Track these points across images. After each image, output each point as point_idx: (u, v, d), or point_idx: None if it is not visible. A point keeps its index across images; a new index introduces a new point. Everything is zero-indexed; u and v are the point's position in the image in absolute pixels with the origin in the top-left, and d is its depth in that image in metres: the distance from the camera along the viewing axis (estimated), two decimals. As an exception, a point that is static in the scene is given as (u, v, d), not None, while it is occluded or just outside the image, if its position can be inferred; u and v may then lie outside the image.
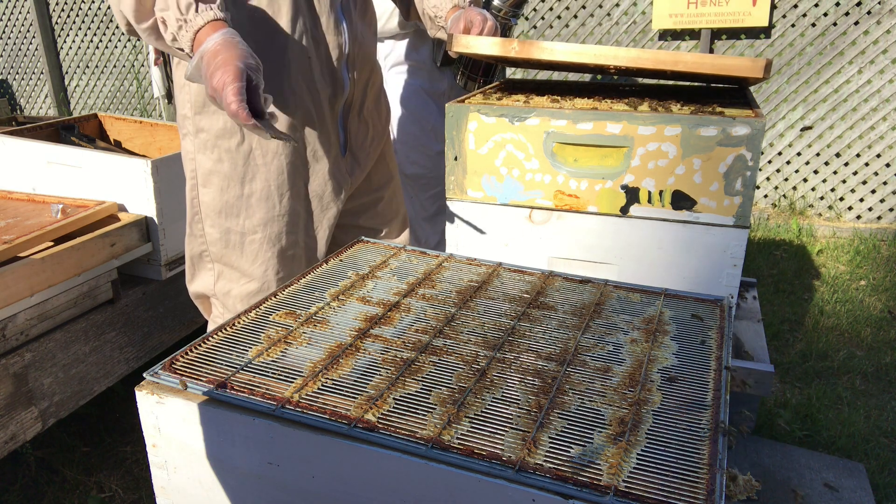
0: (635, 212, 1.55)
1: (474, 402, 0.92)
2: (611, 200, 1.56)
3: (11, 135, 2.31)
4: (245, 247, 1.59)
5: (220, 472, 0.96)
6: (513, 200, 1.65)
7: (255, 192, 1.55)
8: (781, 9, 3.99)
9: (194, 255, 1.65)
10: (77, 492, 2.00)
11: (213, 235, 1.60)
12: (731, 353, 1.09)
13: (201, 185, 1.56)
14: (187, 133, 1.54)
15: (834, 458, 1.80)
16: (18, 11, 6.01)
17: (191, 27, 1.23)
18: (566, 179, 1.58)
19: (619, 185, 1.54)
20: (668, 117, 1.47)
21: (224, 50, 1.20)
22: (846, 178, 4.13)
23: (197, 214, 1.60)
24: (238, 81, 1.17)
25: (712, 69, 1.42)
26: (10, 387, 1.75)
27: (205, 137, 1.51)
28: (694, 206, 1.50)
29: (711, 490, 0.77)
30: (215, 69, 1.19)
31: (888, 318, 3.04)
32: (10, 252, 1.74)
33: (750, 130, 1.42)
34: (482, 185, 1.66)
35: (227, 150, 1.52)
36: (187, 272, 1.70)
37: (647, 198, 1.53)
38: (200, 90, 1.47)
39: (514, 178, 1.62)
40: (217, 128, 1.50)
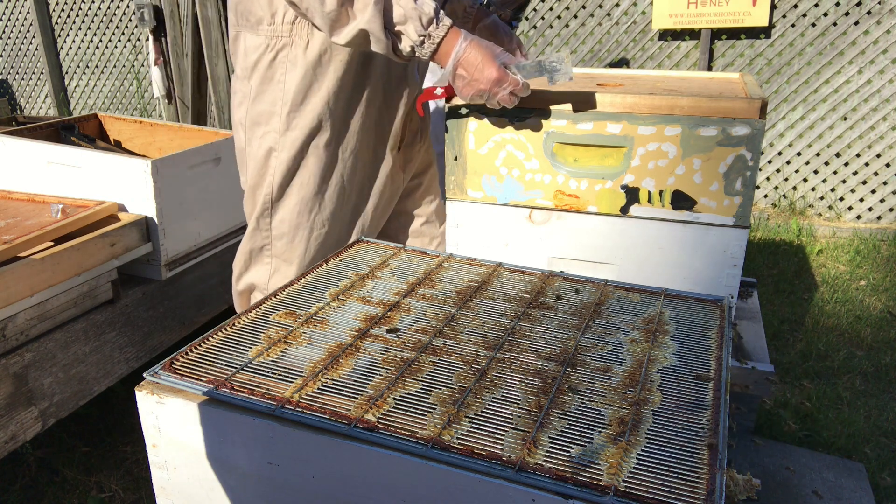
0: (635, 212, 1.55)
1: (474, 402, 0.93)
2: (611, 200, 1.56)
3: (11, 135, 2.31)
4: (311, 242, 1.67)
5: (220, 472, 0.96)
6: (513, 200, 1.64)
7: (331, 188, 1.64)
8: (781, 9, 3.99)
9: (255, 248, 1.71)
10: (77, 492, 2.00)
11: (281, 230, 1.66)
12: (731, 353, 1.09)
13: (280, 181, 1.62)
14: (270, 131, 1.59)
15: (834, 458, 1.80)
16: (18, 11, 6.01)
17: (434, 40, 1.38)
18: (566, 179, 1.58)
19: (619, 185, 1.54)
20: (668, 117, 1.47)
21: (477, 52, 1.39)
22: (846, 178, 4.14)
23: (267, 209, 1.65)
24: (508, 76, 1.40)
25: (708, 112, 1.44)
26: (10, 387, 1.75)
27: (295, 135, 1.58)
28: (694, 206, 1.50)
29: (711, 490, 0.77)
30: (480, 70, 1.39)
31: (888, 318, 3.04)
32: (10, 252, 1.74)
33: (750, 130, 1.42)
34: (482, 185, 1.66)
35: (315, 146, 1.59)
36: (239, 264, 1.75)
37: (647, 198, 1.53)
38: (296, 89, 1.54)
39: (514, 179, 1.62)
40: (311, 126, 1.57)
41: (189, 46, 4.52)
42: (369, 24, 1.35)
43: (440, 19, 1.37)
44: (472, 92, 1.42)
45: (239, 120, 1.65)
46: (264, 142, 1.60)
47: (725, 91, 1.58)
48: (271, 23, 1.52)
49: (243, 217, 2.56)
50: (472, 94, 1.43)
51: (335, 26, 1.38)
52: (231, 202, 2.48)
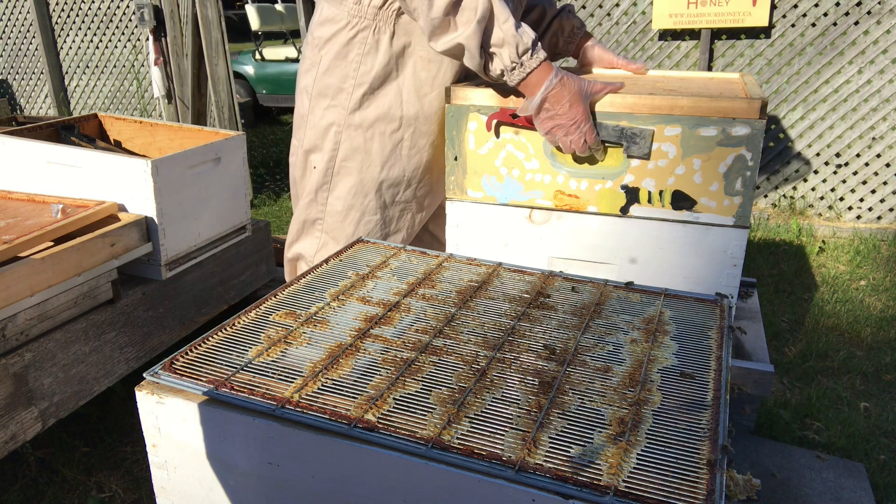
0: (635, 212, 1.55)
1: (474, 402, 0.93)
2: (611, 200, 1.56)
3: (11, 135, 2.31)
4: (360, 226, 1.72)
5: (220, 472, 0.96)
6: (513, 200, 1.64)
7: (390, 177, 1.69)
8: (781, 9, 3.99)
9: (308, 219, 1.77)
10: (77, 492, 2.00)
11: (335, 207, 1.71)
12: (731, 353, 1.09)
13: (342, 158, 1.67)
14: (336, 106, 1.63)
15: (834, 458, 1.80)
16: (18, 11, 6.01)
17: (525, 69, 1.42)
18: (566, 179, 1.58)
19: (619, 186, 1.54)
20: (668, 118, 1.47)
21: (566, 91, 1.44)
22: (846, 178, 4.13)
23: (327, 184, 1.70)
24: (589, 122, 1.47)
25: (708, 112, 1.44)
26: (10, 387, 1.75)
27: (365, 116, 1.63)
28: (694, 206, 1.50)
29: (711, 490, 0.77)
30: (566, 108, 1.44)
31: (888, 317, 3.04)
32: (10, 252, 1.74)
33: (750, 130, 1.42)
34: (482, 186, 1.66)
35: (381, 132, 1.65)
36: (292, 233, 1.81)
37: (647, 198, 1.53)
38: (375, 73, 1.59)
39: (515, 179, 1.62)
40: (381, 112, 1.63)
41: (189, 46, 4.51)
42: (468, 40, 1.39)
43: (536, 51, 1.42)
44: (551, 126, 1.47)
45: (304, 87, 1.69)
46: (327, 114, 1.65)
47: (725, 91, 1.59)
48: (357, 2, 1.56)
49: (243, 217, 2.57)
50: (550, 129, 1.47)
51: (436, 32, 1.42)
52: (231, 202, 2.48)
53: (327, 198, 1.72)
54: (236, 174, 2.48)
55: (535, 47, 1.42)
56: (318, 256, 1.77)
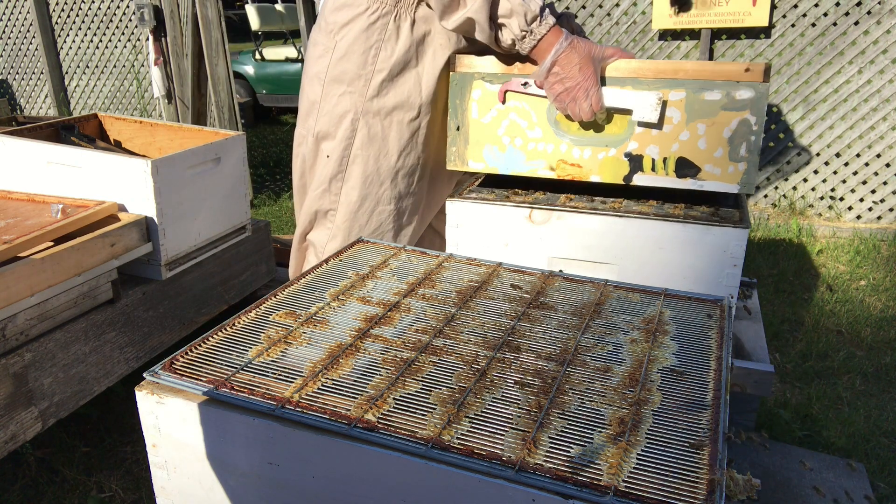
0: (638, 180, 1.53)
1: (474, 402, 0.93)
2: (614, 169, 1.54)
3: (11, 135, 2.31)
4: (373, 217, 1.70)
5: (220, 472, 0.96)
6: (514, 171, 1.62)
7: (406, 166, 1.68)
8: (781, 9, 3.99)
9: (321, 209, 1.74)
10: (77, 492, 2.00)
11: (350, 197, 1.69)
12: (731, 353, 1.09)
13: (358, 146, 1.65)
14: (352, 92, 1.61)
15: (834, 458, 1.80)
16: (18, 11, 6.01)
17: (535, 36, 1.44)
18: (569, 148, 1.56)
19: (623, 153, 1.52)
20: (672, 82, 1.47)
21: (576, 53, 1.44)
22: (846, 178, 4.14)
23: (342, 173, 1.68)
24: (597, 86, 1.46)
25: (712, 76, 1.43)
26: (10, 387, 1.75)
27: (380, 104, 1.61)
28: (698, 173, 1.48)
29: (711, 490, 0.77)
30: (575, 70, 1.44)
31: (888, 317, 3.04)
32: (10, 252, 1.74)
33: (754, 94, 1.42)
34: (483, 156, 1.63)
35: (399, 120, 1.64)
36: (303, 222, 1.79)
37: (650, 165, 1.51)
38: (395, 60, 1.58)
39: (517, 148, 1.60)
40: (400, 99, 1.62)
41: (189, 46, 4.52)
42: (476, 14, 1.42)
43: (544, 17, 1.43)
44: (560, 89, 1.47)
45: (317, 73, 1.66)
46: (343, 101, 1.62)
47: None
48: None
49: (243, 217, 2.57)
50: (559, 94, 1.47)
51: (447, 11, 1.45)
52: (231, 202, 2.48)
53: (341, 188, 1.69)
54: (236, 174, 2.48)
55: (543, 14, 1.42)
56: (330, 247, 1.76)
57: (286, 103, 8.19)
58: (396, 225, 1.74)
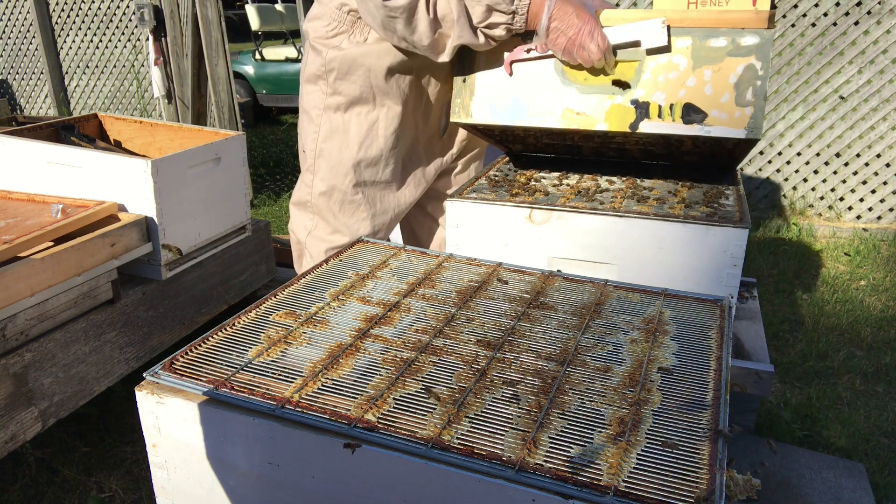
0: (645, 127, 1.52)
1: (474, 402, 0.92)
2: (620, 117, 1.53)
3: (11, 135, 2.31)
4: (344, 205, 1.78)
5: (220, 472, 0.96)
6: (519, 121, 1.61)
7: (368, 157, 1.74)
8: (781, 9, 3.98)
9: (300, 201, 1.85)
10: (77, 492, 2.00)
11: (319, 188, 1.78)
12: (731, 353, 1.09)
13: (322, 139, 1.75)
14: (317, 90, 1.72)
15: (834, 458, 1.80)
16: (18, 11, 6.01)
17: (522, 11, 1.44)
18: (576, 97, 1.56)
19: (630, 100, 1.52)
20: (678, 30, 1.48)
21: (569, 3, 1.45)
22: (846, 178, 4.13)
23: (312, 166, 1.78)
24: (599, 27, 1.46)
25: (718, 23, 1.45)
26: (10, 387, 1.75)
27: (339, 100, 1.70)
28: (705, 118, 1.48)
29: (711, 490, 0.77)
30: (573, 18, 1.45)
31: (888, 317, 3.03)
32: (10, 252, 1.74)
33: (759, 40, 1.43)
34: (488, 108, 1.63)
35: (357, 114, 1.71)
36: (291, 212, 1.91)
37: (657, 112, 1.51)
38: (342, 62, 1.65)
39: (523, 99, 1.59)
40: (354, 94, 1.69)
41: (189, 46, 4.51)
42: (462, 39, 1.47)
43: None
44: (565, 41, 1.47)
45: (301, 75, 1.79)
46: (311, 99, 1.74)
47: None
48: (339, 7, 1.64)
49: (243, 217, 2.57)
50: (565, 45, 1.47)
51: (437, 51, 1.51)
52: (231, 202, 2.48)
53: (312, 179, 1.79)
54: (236, 174, 2.48)
55: None
56: (310, 239, 1.86)
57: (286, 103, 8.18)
58: (371, 213, 1.81)
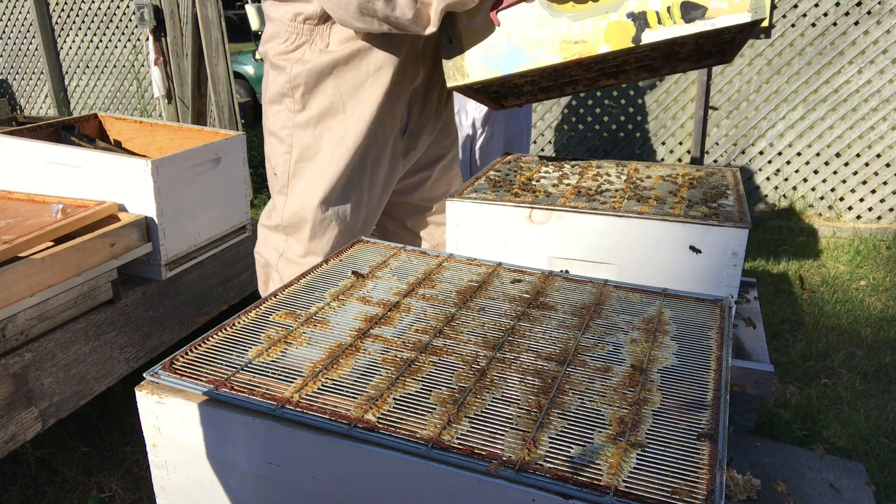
0: (648, 37, 1.45)
1: (474, 402, 0.92)
2: (620, 33, 1.46)
3: (11, 135, 2.31)
4: (316, 225, 1.71)
5: (220, 472, 0.96)
6: (518, 67, 1.54)
7: (339, 172, 1.67)
8: (781, 9, 3.98)
9: (270, 224, 1.78)
10: (77, 492, 2.00)
11: (292, 209, 1.71)
12: (731, 353, 1.09)
13: (296, 159, 1.68)
14: (284, 108, 1.66)
15: (834, 458, 1.80)
16: (18, 11, 6.01)
17: None
18: (568, 26, 1.49)
19: (625, 14, 1.46)
20: None
21: None
22: (846, 178, 4.14)
23: (284, 187, 1.71)
24: None
25: None
26: (10, 387, 1.75)
27: (308, 115, 1.64)
28: (705, 12, 1.41)
29: (711, 490, 0.77)
30: None
31: (888, 317, 3.03)
32: (10, 252, 1.74)
33: None
34: (483, 62, 1.56)
35: (327, 128, 1.66)
36: (259, 236, 1.83)
37: (656, 19, 1.44)
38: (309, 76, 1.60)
39: (515, 43, 1.52)
40: (324, 106, 1.63)
41: (189, 46, 4.51)
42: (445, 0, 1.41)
43: None
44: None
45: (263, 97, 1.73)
46: (278, 119, 1.68)
47: None
48: (293, 19, 1.59)
49: (243, 217, 2.57)
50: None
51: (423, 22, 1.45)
52: (231, 202, 2.48)
53: (285, 201, 1.72)
54: (236, 174, 2.48)
55: None
56: (281, 263, 1.77)
57: (286, 103, 8.15)
58: (341, 229, 1.73)
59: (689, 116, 4.34)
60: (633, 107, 4.47)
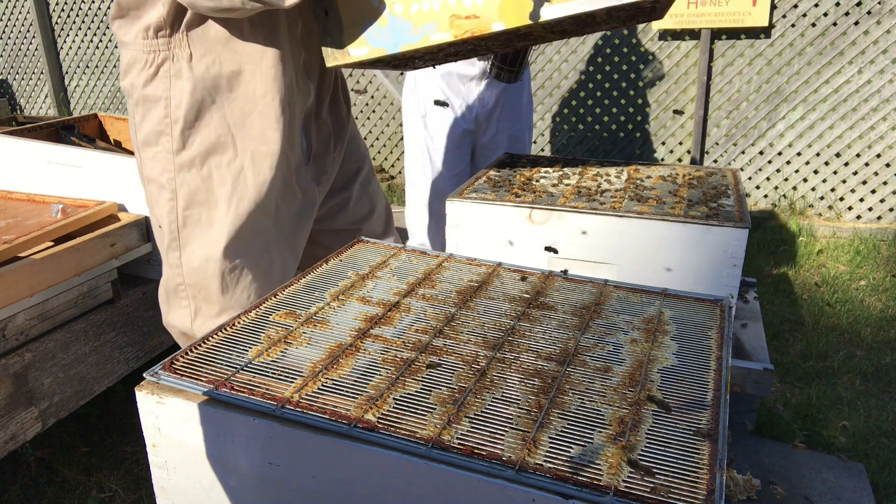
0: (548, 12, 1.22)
1: (474, 402, 0.92)
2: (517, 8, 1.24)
3: (11, 135, 2.31)
4: (225, 277, 1.47)
5: (220, 472, 0.96)
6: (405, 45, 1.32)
7: (241, 215, 1.45)
8: (781, 9, 3.99)
9: (170, 288, 1.53)
10: (77, 492, 2.00)
11: (192, 264, 1.47)
12: (731, 353, 1.09)
13: (183, 206, 1.44)
14: (161, 151, 1.43)
15: (834, 458, 1.80)
16: (18, 11, 6.01)
17: None
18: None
19: None
20: None
21: None
22: (846, 178, 4.14)
23: (175, 241, 1.47)
24: None
25: None
26: (10, 387, 1.75)
27: (192, 153, 1.42)
28: None
29: (711, 490, 0.77)
30: None
31: (888, 317, 3.04)
32: (10, 252, 1.74)
33: None
34: (366, 39, 1.33)
35: (216, 165, 1.43)
36: (162, 306, 1.59)
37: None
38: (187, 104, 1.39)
39: (399, 16, 1.30)
40: (210, 141, 1.42)
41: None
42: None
43: None
44: None
45: (134, 144, 1.49)
46: (156, 163, 1.44)
47: None
48: (146, 36, 1.38)
49: (243, 217, 2.55)
50: None
51: None
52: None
53: (180, 257, 1.48)
54: (236, 174, 2.48)
55: None
56: (198, 324, 1.53)
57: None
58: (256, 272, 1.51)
59: (689, 116, 4.34)
60: (633, 107, 4.47)
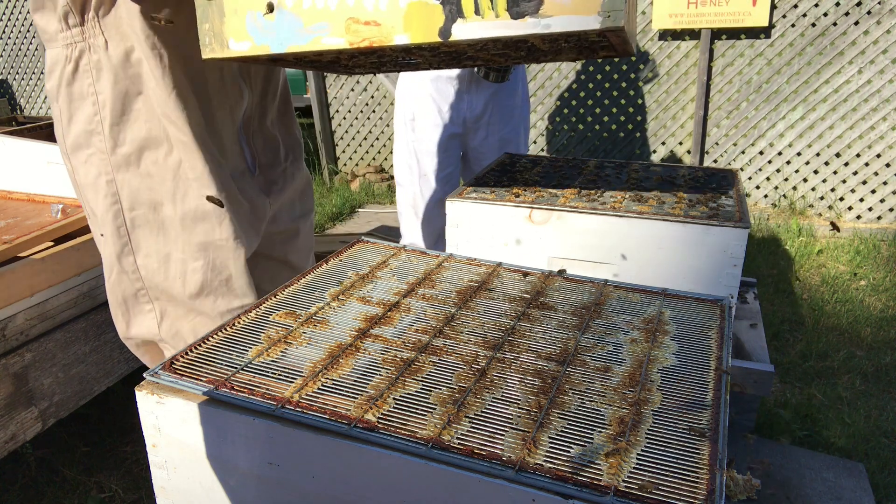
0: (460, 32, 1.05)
1: (474, 402, 0.92)
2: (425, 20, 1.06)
3: (11, 135, 2.31)
4: (188, 276, 1.39)
5: (220, 472, 0.96)
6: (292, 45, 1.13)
7: (189, 211, 1.36)
8: (781, 9, 3.99)
9: (127, 296, 1.43)
10: (77, 492, 2.00)
11: (150, 266, 1.39)
12: (731, 353, 1.09)
13: (128, 208, 1.36)
14: (94, 152, 1.34)
15: (834, 458, 1.80)
16: (18, 11, 6.01)
17: None
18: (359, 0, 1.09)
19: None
20: None
21: None
22: (846, 178, 4.14)
23: (126, 245, 1.39)
24: None
25: None
26: (10, 387, 1.75)
27: (126, 151, 1.33)
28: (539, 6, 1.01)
29: (711, 490, 0.77)
30: None
31: (888, 317, 3.04)
32: (10, 252, 1.74)
33: None
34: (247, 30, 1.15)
35: (154, 161, 1.34)
36: (117, 320, 1.48)
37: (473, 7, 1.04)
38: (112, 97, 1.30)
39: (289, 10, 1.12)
40: (141, 137, 1.32)
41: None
42: None
43: None
44: None
45: (61, 150, 1.40)
46: (90, 167, 1.35)
47: None
48: (61, 29, 1.28)
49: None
50: None
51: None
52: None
53: (135, 262, 1.39)
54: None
55: None
56: (165, 327, 1.44)
57: (286, 103, 8.17)
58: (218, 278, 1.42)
59: (689, 116, 4.34)
60: (633, 107, 4.47)
